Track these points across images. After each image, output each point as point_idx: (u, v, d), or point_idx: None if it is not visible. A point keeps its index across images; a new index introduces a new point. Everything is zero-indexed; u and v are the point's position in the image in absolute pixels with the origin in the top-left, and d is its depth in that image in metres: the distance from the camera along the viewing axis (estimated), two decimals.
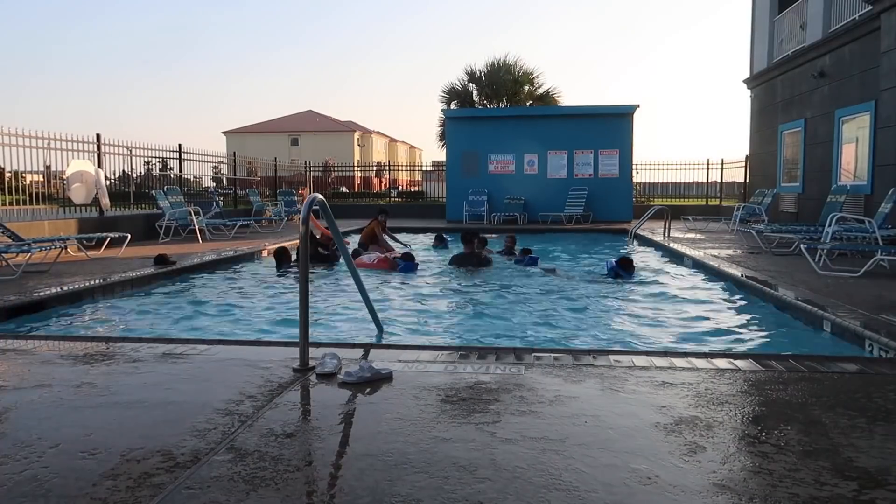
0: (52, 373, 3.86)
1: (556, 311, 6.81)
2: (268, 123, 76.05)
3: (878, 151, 11.10)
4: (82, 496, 2.27)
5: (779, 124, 16.44)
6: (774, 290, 6.79)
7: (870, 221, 9.44)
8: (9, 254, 8.29)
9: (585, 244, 14.20)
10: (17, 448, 2.70)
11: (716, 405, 3.22)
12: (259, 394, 3.40)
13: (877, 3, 10.63)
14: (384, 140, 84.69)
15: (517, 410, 3.14)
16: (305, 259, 3.98)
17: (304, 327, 3.90)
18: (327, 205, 4.61)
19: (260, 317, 6.58)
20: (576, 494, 2.28)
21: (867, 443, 2.75)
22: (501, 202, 20.00)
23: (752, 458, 2.62)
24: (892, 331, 4.74)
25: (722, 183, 23.68)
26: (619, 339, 5.71)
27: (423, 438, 2.79)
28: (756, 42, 18.09)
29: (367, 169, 44.29)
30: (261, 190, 21.10)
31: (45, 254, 8.90)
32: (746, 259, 9.68)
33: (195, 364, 4.04)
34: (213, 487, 2.33)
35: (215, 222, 14.41)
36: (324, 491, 2.37)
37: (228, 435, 2.83)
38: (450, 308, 7.28)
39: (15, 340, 4.72)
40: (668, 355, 4.26)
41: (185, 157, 16.22)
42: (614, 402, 3.30)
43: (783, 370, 3.87)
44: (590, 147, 20.04)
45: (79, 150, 12.32)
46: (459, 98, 28.72)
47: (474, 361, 4.05)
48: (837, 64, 13.38)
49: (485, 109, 27.09)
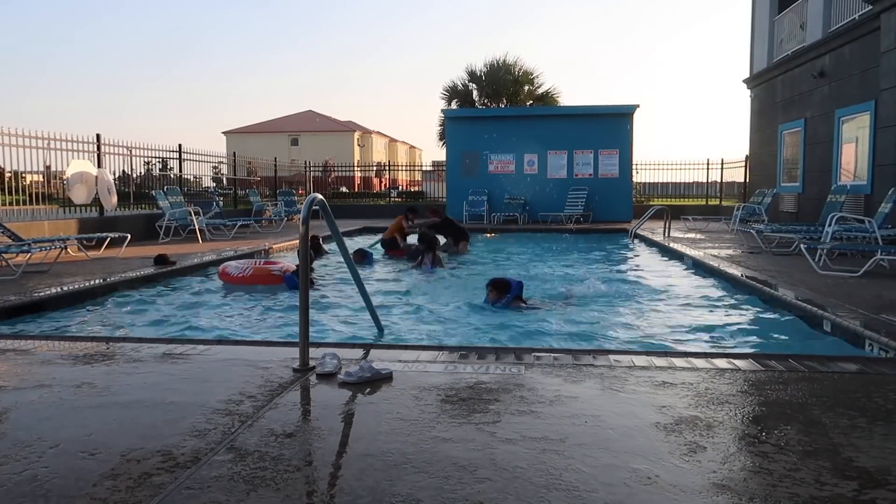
0: (52, 373, 3.86)
1: (554, 311, 6.80)
2: (268, 123, 76.07)
3: (878, 151, 11.09)
4: (82, 496, 2.27)
5: (779, 124, 16.43)
6: (774, 290, 6.79)
7: (870, 221, 9.44)
8: (9, 254, 8.30)
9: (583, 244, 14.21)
10: (17, 448, 2.70)
11: (716, 405, 3.22)
12: (259, 394, 3.40)
13: (877, 3, 10.62)
14: (384, 140, 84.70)
15: (517, 410, 3.14)
16: (305, 259, 3.98)
17: (304, 327, 3.90)
18: (327, 205, 4.62)
19: (260, 317, 6.58)
20: (576, 494, 2.28)
21: (867, 443, 2.75)
22: (501, 202, 20.01)
23: (752, 458, 2.62)
24: (892, 331, 4.74)
25: (722, 183, 23.68)
26: (619, 339, 5.71)
27: (423, 438, 2.79)
28: (756, 42, 18.08)
29: (367, 169, 44.32)
30: (261, 190, 21.10)
31: (45, 254, 8.90)
32: (746, 259, 9.68)
33: (195, 364, 4.04)
34: (213, 487, 2.33)
35: (215, 222, 14.42)
36: (324, 491, 2.37)
37: (228, 435, 2.83)
38: (450, 308, 7.28)
39: (15, 340, 4.72)
40: (668, 355, 4.26)
41: (185, 158, 16.23)
42: (614, 402, 3.30)
43: (783, 370, 3.87)
44: (590, 147, 20.04)
45: (79, 150, 12.34)
46: (459, 98, 28.71)
47: (474, 361, 4.05)
48: (837, 64, 13.38)
49: (485, 109, 27.08)
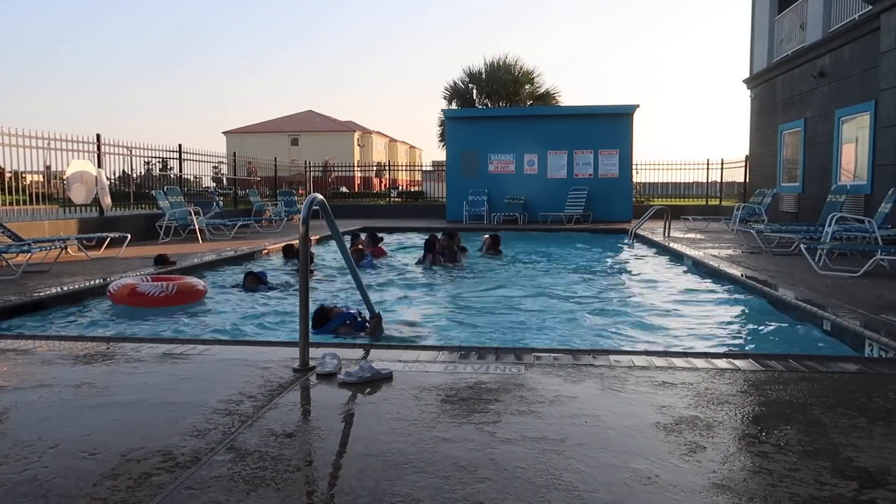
0: (52, 373, 3.86)
1: (554, 311, 6.81)
2: (268, 123, 76.06)
3: (878, 151, 11.09)
4: (82, 496, 2.27)
5: (779, 124, 16.43)
6: (774, 290, 6.79)
7: (870, 221, 9.44)
8: (9, 254, 8.29)
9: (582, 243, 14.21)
10: (17, 448, 2.70)
11: (716, 405, 3.22)
12: (259, 394, 3.40)
13: (877, 3, 10.62)
14: (384, 140, 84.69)
15: (517, 410, 3.14)
16: (305, 259, 3.98)
17: (305, 327, 3.90)
18: (327, 205, 4.62)
19: (260, 317, 6.58)
20: (576, 494, 2.28)
21: (867, 443, 2.75)
22: (501, 202, 20.00)
23: (752, 458, 2.62)
24: (892, 331, 4.74)
25: (722, 183, 23.67)
26: (619, 338, 5.71)
27: (423, 438, 2.79)
28: (756, 42, 18.07)
29: (367, 169, 44.32)
30: (261, 190, 21.10)
31: (46, 254, 8.90)
32: (746, 259, 9.68)
33: (195, 364, 4.04)
34: (213, 487, 2.33)
35: (215, 222, 14.42)
36: (324, 491, 2.37)
37: (228, 435, 2.83)
38: (450, 308, 7.28)
39: (15, 340, 4.73)
40: (668, 355, 4.26)
41: (185, 158, 16.23)
42: (614, 402, 3.30)
43: (783, 370, 3.87)
44: (590, 147, 20.03)
45: (79, 150, 12.34)
46: (459, 98, 28.71)
47: (474, 361, 4.05)
48: (837, 64, 13.38)
49: (485, 109, 27.07)
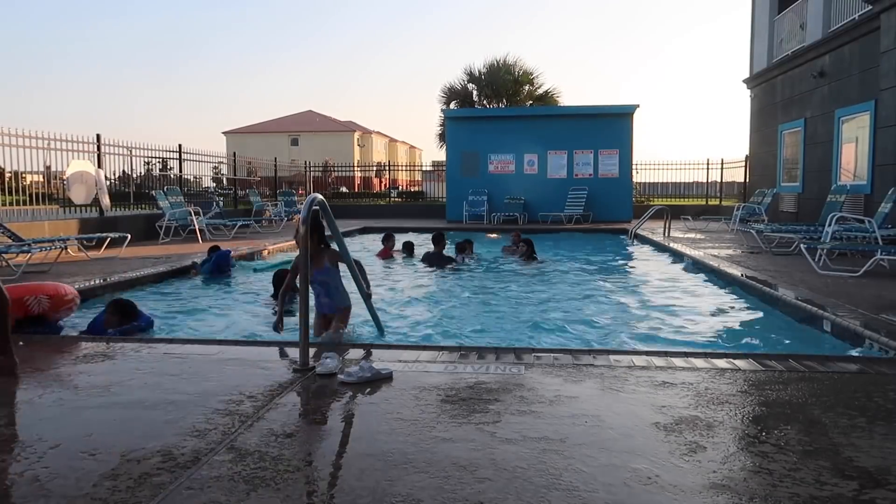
0: (52, 373, 3.86)
1: (554, 311, 6.81)
2: (268, 123, 76.01)
3: (878, 151, 11.09)
4: (82, 496, 2.27)
5: (779, 124, 16.43)
6: (774, 290, 6.79)
7: (870, 221, 9.44)
8: (9, 254, 8.30)
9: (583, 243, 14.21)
10: (17, 448, 2.70)
11: (716, 405, 3.22)
12: (259, 394, 3.40)
13: (877, 3, 10.62)
14: (384, 140, 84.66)
15: (517, 410, 3.14)
16: (306, 259, 3.98)
17: (305, 327, 3.90)
18: (327, 205, 4.62)
19: (260, 317, 6.57)
20: (576, 494, 2.28)
21: (867, 442, 2.75)
22: (501, 202, 20.00)
23: (752, 457, 2.62)
24: (892, 331, 4.74)
25: (722, 183, 23.67)
26: (619, 338, 5.71)
27: (423, 438, 2.79)
28: (756, 42, 18.07)
29: (367, 169, 44.27)
30: (261, 190, 21.09)
31: (46, 254, 8.91)
32: (746, 259, 9.68)
33: (195, 364, 4.04)
34: (213, 487, 2.34)
35: (215, 222, 14.43)
36: (324, 491, 2.37)
37: (228, 435, 2.83)
38: (450, 308, 7.28)
39: (14, 340, 4.71)
40: (668, 355, 4.26)
41: (185, 158, 16.22)
42: (614, 401, 3.30)
43: (783, 370, 3.87)
44: (590, 147, 20.03)
45: (79, 150, 12.34)
46: (459, 98, 28.69)
47: (474, 361, 4.05)
48: (837, 64, 13.37)
49: (485, 109, 27.06)
